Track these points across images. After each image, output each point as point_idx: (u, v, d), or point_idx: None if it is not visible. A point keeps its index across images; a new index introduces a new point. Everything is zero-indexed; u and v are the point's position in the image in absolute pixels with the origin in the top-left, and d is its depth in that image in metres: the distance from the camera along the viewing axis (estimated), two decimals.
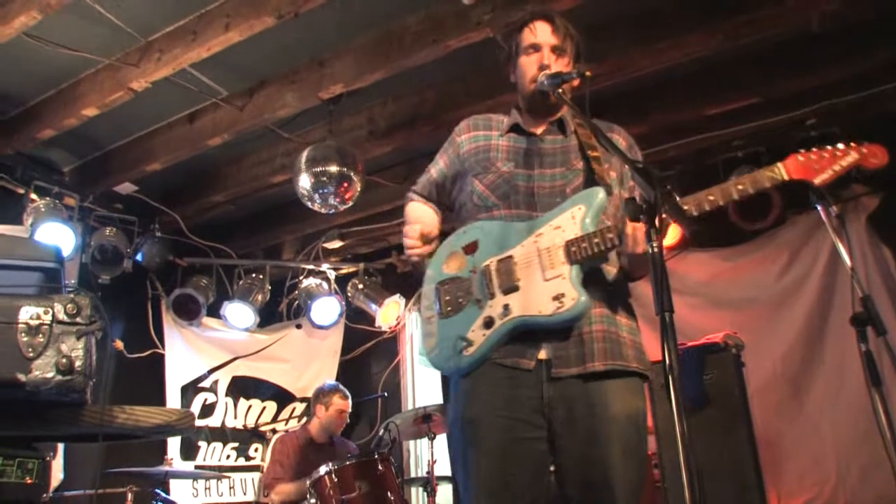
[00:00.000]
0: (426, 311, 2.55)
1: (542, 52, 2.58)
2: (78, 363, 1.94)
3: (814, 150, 2.26)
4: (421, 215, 2.73)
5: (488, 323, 2.37)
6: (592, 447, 2.25)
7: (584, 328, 2.34)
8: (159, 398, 6.60)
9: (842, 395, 5.18)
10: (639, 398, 2.37)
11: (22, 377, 1.94)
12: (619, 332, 2.39)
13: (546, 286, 2.32)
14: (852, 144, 2.26)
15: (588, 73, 2.46)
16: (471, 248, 2.51)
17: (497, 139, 2.66)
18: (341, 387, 5.94)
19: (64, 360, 1.93)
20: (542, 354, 2.34)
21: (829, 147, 2.26)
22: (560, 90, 2.44)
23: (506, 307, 2.35)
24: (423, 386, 7.44)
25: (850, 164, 2.25)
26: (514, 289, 2.36)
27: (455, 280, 2.50)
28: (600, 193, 2.36)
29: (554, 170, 2.51)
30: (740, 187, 2.24)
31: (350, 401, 5.87)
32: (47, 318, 1.96)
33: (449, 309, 2.47)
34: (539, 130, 2.62)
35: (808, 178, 2.25)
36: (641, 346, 2.45)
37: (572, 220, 2.36)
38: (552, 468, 2.36)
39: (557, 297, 2.28)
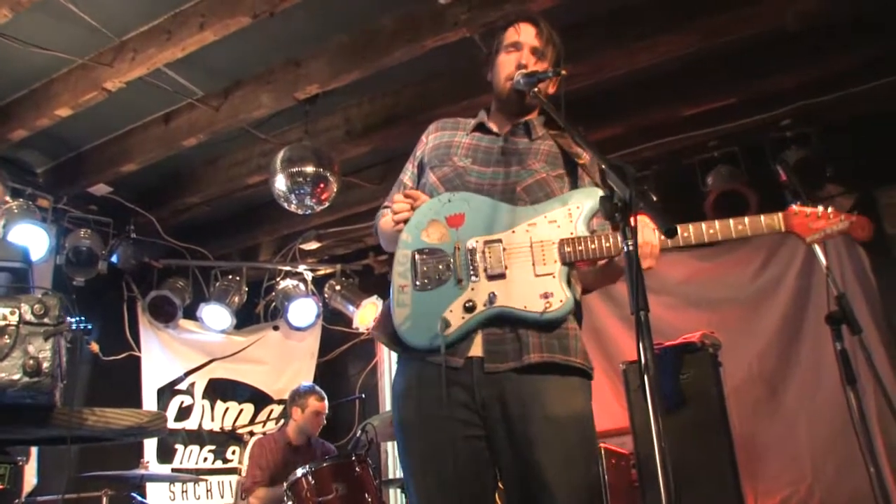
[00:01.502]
0: (399, 279, 2.40)
1: (522, 51, 2.56)
2: (45, 364, 1.90)
3: (809, 208, 2.41)
4: None
5: (470, 307, 2.29)
6: (529, 450, 2.19)
7: (521, 330, 2.28)
8: (136, 401, 6.53)
9: (818, 394, 5.22)
10: (580, 397, 2.29)
11: None
12: (567, 326, 2.33)
13: (535, 282, 2.27)
14: (844, 216, 2.42)
15: (564, 73, 2.46)
16: (455, 221, 2.41)
17: (461, 138, 2.65)
18: (317, 388, 5.91)
19: (31, 362, 1.89)
20: (474, 351, 2.29)
21: (821, 209, 2.41)
22: (536, 90, 2.43)
23: (491, 295, 2.28)
24: None
25: (840, 231, 2.41)
26: (501, 276, 2.30)
27: (435, 252, 2.39)
28: (599, 194, 2.25)
29: (509, 168, 2.49)
30: (740, 227, 2.36)
31: (326, 402, 5.84)
32: (13, 319, 1.92)
33: (426, 282, 2.36)
34: (504, 130, 2.61)
35: (802, 235, 2.41)
36: (585, 350, 2.37)
37: (568, 218, 2.34)
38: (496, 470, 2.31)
39: (546, 296, 2.25)
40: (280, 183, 5.07)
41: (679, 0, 4.37)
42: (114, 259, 6.34)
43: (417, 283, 2.36)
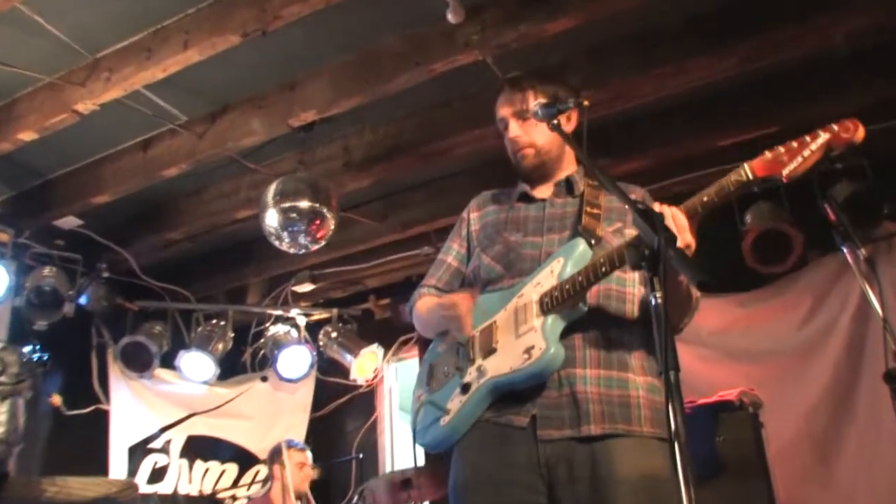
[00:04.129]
0: (416, 391, 2.73)
1: (508, 126, 2.73)
2: (0, 430, 1.88)
3: (787, 143, 2.28)
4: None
5: (465, 388, 2.47)
6: None
7: (578, 387, 2.35)
8: (102, 461, 6.49)
9: (878, 459, 5.11)
10: (653, 458, 2.31)
11: None
12: (627, 393, 2.38)
13: (518, 342, 2.41)
14: (822, 129, 2.25)
15: (586, 103, 2.51)
16: None
17: (507, 212, 2.78)
18: (294, 440, 6.02)
19: None
20: (537, 410, 2.36)
21: (801, 137, 2.26)
22: (555, 122, 2.48)
23: (480, 369, 2.46)
24: (402, 446, 7.37)
25: (821, 147, 2.24)
26: (493, 351, 2.47)
27: (444, 355, 2.68)
28: (580, 245, 2.47)
29: (563, 234, 2.60)
30: (706, 199, 2.30)
31: (308, 452, 5.86)
32: None
33: (434, 384, 2.64)
34: (547, 194, 2.74)
35: (776, 174, 2.27)
36: (662, 405, 2.37)
37: (551, 274, 2.46)
38: None
39: (527, 350, 2.36)
40: (271, 218, 5.08)
41: (713, 20, 4.40)
42: (82, 300, 6.30)
43: (429, 387, 2.66)
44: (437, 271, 2.92)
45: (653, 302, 1.83)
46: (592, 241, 2.48)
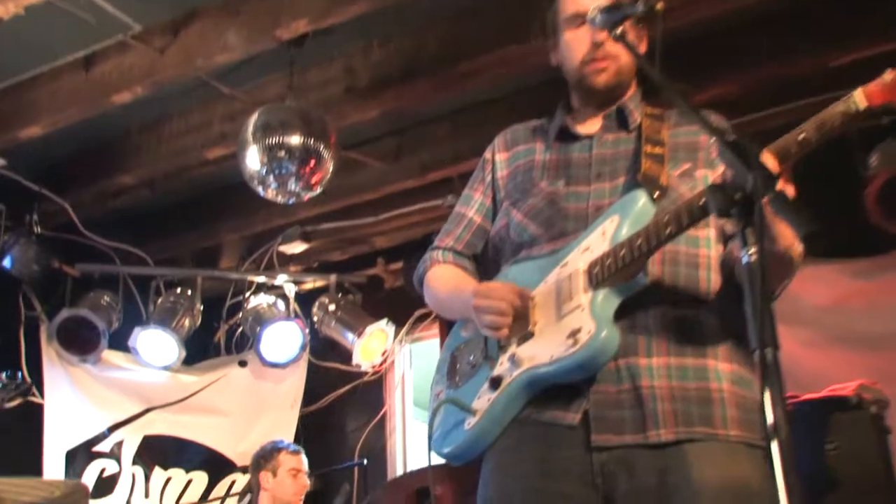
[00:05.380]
0: (436, 387, 2.74)
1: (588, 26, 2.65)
2: None
3: None
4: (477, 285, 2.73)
5: (495, 383, 2.44)
6: None
7: (643, 381, 2.33)
8: (34, 468, 6.57)
9: None
10: (741, 464, 2.29)
11: None
12: (707, 386, 2.36)
13: (561, 324, 2.38)
14: None
15: (659, 7, 2.47)
16: None
17: (543, 153, 2.77)
18: (285, 441, 6.10)
19: None
20: (590, 406, 2.35)
21: None
22: (619, 30, 2.45)
23: (513, 359, 2.42)
24: (417, 449, 7.42)
25: None
26: (529, 336, 2.45)
27: (470, 342, 2.67)
28: (641, 198, 2.42)
29: (616, 181, 2.58)
30: (801, 137, 2.23)
31: (303, 455, 5.94)
32: None
33: (458, 378, 2.63)
34: (594, 129, 2.71)
35: (894, 100, 2.16)
36: (752, 403, 2.37)
37: (602, 237, 2.43)
38: None
39: (573, 334, 2.32)
40: (252, 158, 5.10)
41: None
42: (6, 263, 6.37)
43: (450, 382, 2.66)
44: (456, 228, 2.91)
45: (745, 259, 1.81)
46: (656, 193, 2.44)
